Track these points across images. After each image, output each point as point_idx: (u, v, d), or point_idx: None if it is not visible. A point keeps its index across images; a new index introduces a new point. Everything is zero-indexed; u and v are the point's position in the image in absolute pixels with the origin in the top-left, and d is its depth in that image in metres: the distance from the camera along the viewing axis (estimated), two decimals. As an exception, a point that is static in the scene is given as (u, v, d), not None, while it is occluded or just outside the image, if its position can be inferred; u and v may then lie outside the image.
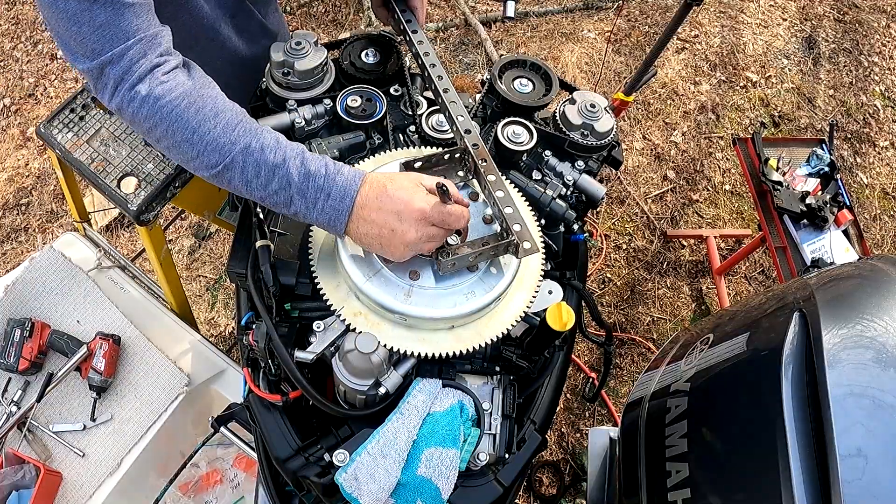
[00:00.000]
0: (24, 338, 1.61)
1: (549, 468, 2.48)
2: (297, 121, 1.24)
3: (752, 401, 1.06)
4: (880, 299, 1.07)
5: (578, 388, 2.66)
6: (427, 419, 0.98)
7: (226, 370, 1.73)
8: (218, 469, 1.81)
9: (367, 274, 0.98)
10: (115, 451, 1.60)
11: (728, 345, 1.20)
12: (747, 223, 3.09)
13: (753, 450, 1.01)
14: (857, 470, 0.89)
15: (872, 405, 0.94)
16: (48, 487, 1.53)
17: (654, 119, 3.35)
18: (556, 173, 1.23)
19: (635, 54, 3.56)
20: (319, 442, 1.02)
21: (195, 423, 1.74)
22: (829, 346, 0.99)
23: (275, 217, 1.14)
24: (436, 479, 0.94)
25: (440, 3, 3.73)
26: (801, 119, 3.41)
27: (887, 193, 3.24)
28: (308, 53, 1.28)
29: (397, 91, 1.33)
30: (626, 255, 2.99)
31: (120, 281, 1.80)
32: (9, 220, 2.99)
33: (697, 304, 2.88)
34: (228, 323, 2.73)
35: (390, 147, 1.25)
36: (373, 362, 0.93)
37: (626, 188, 3.14)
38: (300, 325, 1.05)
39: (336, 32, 3.56)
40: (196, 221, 2.98)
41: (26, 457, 1.54)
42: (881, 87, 3.59)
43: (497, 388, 1.07)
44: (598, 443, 1.63)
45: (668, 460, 1.15)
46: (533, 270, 1.08)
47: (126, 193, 1.56)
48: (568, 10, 3.73)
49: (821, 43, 3.71)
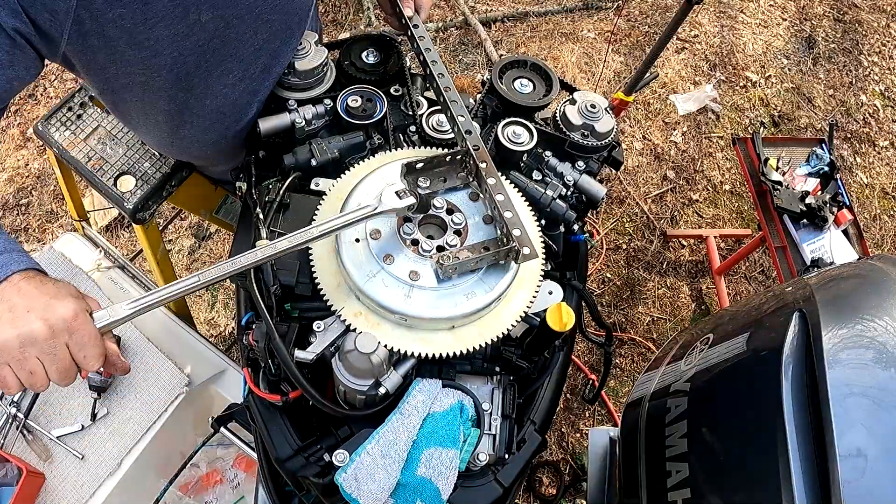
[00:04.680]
0: (23, 338, 1.61)
1: (549, 468, 2.48)
2: (297, 121, 1.24)
3: (752, 401, 1.06)
4: (880, 299, 1.07)
5: (578, 389, 2.65)
6: (427, 419, 0.98)
7: (226, 370, 1.73)
8: (218, 469, 1.81)
9: (368, 274, 0.98)
10: (114, 451, 1.60)
11: (728, 345, 1.20)
12: (747, 223, 3.09)
13: (753, 450, 1.01)
14: (857, 470, 0.89)
15: (872, 405, 0.94)
16: (30, 488, 1.53)
17: (654, 119, 3.35)
18: (556, 174, 1.23)
19: (635, 54, 3.56)
20: (319, 442, 1.02)
21: (195, 423, 1.74)
22: (829, 346, 0.99)
23: (275, 217, 1.14)
24: (435, 479, 0.94)
25: (440, 3, 3.73)
26: (800, 119, 3.41)
27: (887, 193, 3.24)
28: (308, 53, 1.28)
29: (398, 91, 1.33)
30: (625, 255, 2.99)
31: (120, 281, 1.80)
32: (9, 220, 2.99)
33: (697, 304, 2.88)
34: (228, 323, 2.73)
35: (391, 147, 1.25)
36: (373, 362, 0.93)
37: (626, 188, 3.14)
38: (300, 325, 1.05)
39: (336, 32, 3.56)
40: (196, 221, 2.97)
41: (10, 456, 1.54)
42: (881, 87, 3.59)
43: (497, 389, 1.07)
44: (598, 443, 1.63)
45: (668, 460, 1.15)
46: (533, 271, 1.08)
47: (123, 192, 1.56)
48: (568, 10, 3.73)
49: (820, 43, 3.71)
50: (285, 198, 1.14)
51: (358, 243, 1.01)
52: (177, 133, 1.32)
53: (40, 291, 0.82)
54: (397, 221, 1.03)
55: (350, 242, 1.01)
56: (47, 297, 0.81)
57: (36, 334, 0.79)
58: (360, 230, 1.02)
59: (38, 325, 0.78)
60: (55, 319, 0.79)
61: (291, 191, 1.16)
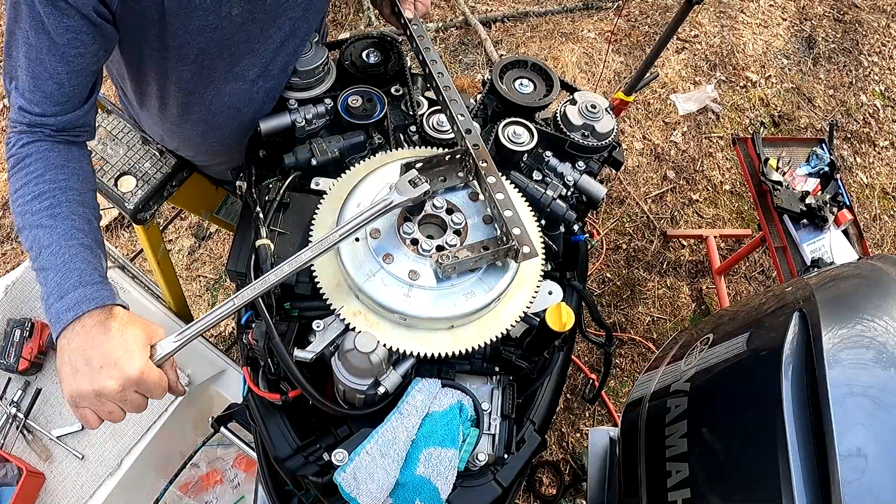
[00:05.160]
0: (24, 338, 1.61)
1: (549, 468, 2.48)
2: (297, 121, 1.24)
3: (752, 401, 1.06)
4: (880, 299, 1.07)
5: (578, 388, 2.65)
6: (426, 419, 0.98)
7: (226, 370, 1.73)
8: (218, 469, 1.81)
9: (367, 273, 0.98)
10: (114, 451, 1.60)
11: (728, 345, 1.20)
12: (747, 223, 3.09)
13: (753, 450, 1.01)
14: (857, 470, 0.89)
15: (872, 405, 0.94)
16: (30, 488, 1.53)
17: (654, 119, 3.35)
18: (556, 174, 1.23)
19: (635, 54, 3.56)
20: (318, 441, 1.02)
21: (195, 423, 1.74)
22: (829, 346, 0.99)
23: (275, 216, 1.14)
24: (435, 479, 0.94)
25: (440, 3, 3.73)
26: (800, 119, 3.41)
27: (887, 193, 3.24)
28: (309, 53, 1.28)
29: (398, 91, 1.33)
30: (625, 254, 2.99)
31: (119, 281, 1.80)
32: (9, 220, 2.98)
33: (697, 304, 2.88)
34: (228, 323, 2.73)
35: (391, 147, 1.25)
36: (372, 362, 0.93)
37: (626, 188, 3.14)
38: (300, 325, 1.05)
39: (336, 32, 3.56)
40: (196, 221, 2.97)
41: (10, 456, 1.54)
42: (881, 87, 3.59)
43: (496, 389, 1.07)
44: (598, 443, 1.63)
45: (668, 460, 1.15)
46: (533, 271, 1.07)
47: (123, 192, 1.56)
48: (568, 10, 3.73)
49: (820, 43, 3.71)
50: (285, 197, 1.14)
51: (357, 242, 1.01)
52: (186, 122, 1.33)
53: (111, 346, 0.91)
54: (397, 221, 1.03)
55: (350, 242, 1.01)
56: (118, 353, 0.90)
57: (109, 391, 0.90)
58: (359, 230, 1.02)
59: (111, 384, 0.89)
60: (125, 379, 0.90)
61: (291, 190, 1.16)
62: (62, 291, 0.95)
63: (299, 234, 1.12)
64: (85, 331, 0.93)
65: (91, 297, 0.94)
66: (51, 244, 0.98)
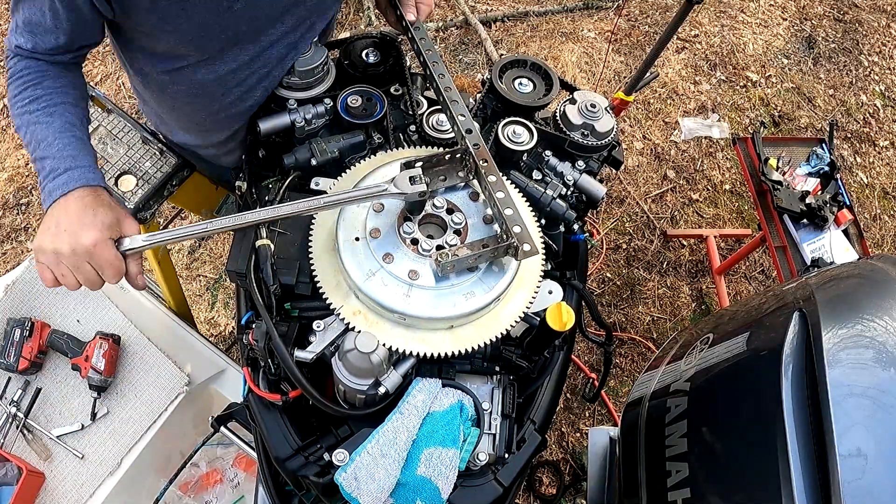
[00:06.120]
0: (24, 337, 1.61)
1: (549, 468, 2.48)
2: (297, 120, 1.24)
3: (752, 401, 1.06)
4: (880, 299, 1.07)
5: (578, 388, 2.65)
6: (427, 419, 0.98)
7: (226, 370, 1.73)
8: (218, 469, 1.81)
9: (367, 273, 0.98)
10: (114, 451, 1.60)
11: (728, 344, 1.20)
12: (747, 223, 3.09)
13: (753, 450, 1.01)
14: (857, 470, 0.89)
15: (872, 405, 0.94)
16: (30, 488, 1.53)
17: (654, 119, 3.35)
18: (556, 173, 1.23)
19: (635, 54, 3.56)
20: (319, 441, 1.02)
21: (195, 423, 1.74)
22: (829, 346, 0.99)
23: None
24: (435, 478, 0.94)
25: (440, 2, 3.73)
26: (800, 118, 3.41)
27: (887, 193, 3.24)
28: (308, 53, 1.28)
29: (398, 91, 1.33)
30: (625, 254, 2.99)
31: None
32: (9, 219, 2.99)
33: (697, 304, 2.88)
34: (228, 323, 2.73)
35: (391, 147, 1.25)
36: (372, 362, 0.93)
37: (626, 188, 3.14)
38: (300, 325, 1.05)
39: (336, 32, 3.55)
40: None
41: (10, 456, 1.54)
42: (881, 87, 3.59)
43: (497, 388, 1.07)
44: (598, 443, 1.63)
45: (668, 460, 1.15)
46: (533, 270, 1.07)
47: (124, 191, 1.56)
48: (568, 9, 3.73)
49: (820, 42, 3.71)
50: (285, 197, 1.14)
51: (357, 242, 1.01)
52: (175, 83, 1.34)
53: (79, 217, 1.02)
54: (397, 220, 1.03)
55: (349, 241, 1.01)
56: (80, 224, 1.01)
57: (62, 251, 1.00)
58: (359, 229, 1.02)
59: (65, 246, 1.00)
60: (77, 245, 1.00)
61: (291, 190, 1.16)
62: (56, 173, 1.06)
63: (299, 234, 1.11)
64: (67, 203, 1.04)
65: (79, 177, 1.06)
66: (47, 136, 1.09)
